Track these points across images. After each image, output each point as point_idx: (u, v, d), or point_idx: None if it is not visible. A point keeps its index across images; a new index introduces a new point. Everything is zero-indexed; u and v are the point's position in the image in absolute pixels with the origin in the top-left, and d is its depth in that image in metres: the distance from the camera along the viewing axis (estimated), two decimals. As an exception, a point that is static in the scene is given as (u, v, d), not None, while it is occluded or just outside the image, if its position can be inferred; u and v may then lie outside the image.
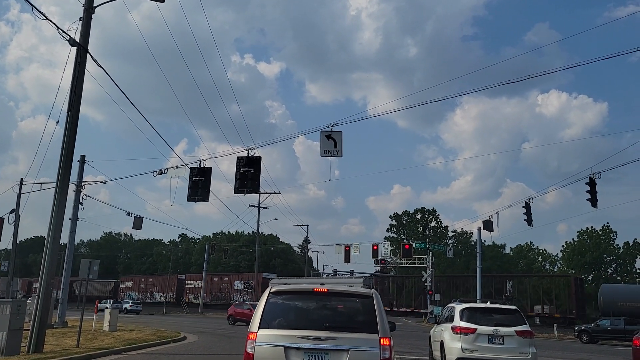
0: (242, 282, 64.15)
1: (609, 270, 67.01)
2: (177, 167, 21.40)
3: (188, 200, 19.55)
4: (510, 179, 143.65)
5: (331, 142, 16.92)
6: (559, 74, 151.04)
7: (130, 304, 57.26)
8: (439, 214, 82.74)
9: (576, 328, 34.27)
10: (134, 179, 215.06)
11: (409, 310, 55.20)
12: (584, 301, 47.88)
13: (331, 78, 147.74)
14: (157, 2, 16.61)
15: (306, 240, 75.92)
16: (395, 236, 79.87)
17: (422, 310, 51.54)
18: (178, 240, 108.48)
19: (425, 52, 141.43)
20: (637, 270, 65.29)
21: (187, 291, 70.00)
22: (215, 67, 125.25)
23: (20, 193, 33.91)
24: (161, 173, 21.93)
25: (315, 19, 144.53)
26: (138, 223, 35.47)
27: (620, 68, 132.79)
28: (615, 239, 66.89)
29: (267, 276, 61.27)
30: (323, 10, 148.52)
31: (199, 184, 19.09)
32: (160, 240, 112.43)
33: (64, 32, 14.75)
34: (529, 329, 12.23)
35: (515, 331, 11.87)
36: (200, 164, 19.64)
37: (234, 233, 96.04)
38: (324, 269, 78.18)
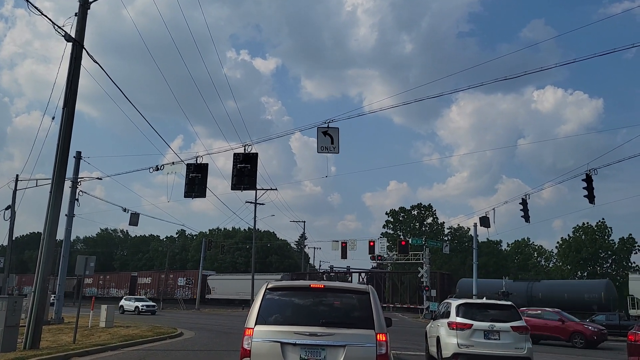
0: (185, 278, 69.41)
1: (605, 265, 67.28)
2: (173, 163, 21.36)
3: (185, 196, 19.52)
4: (506, 175, 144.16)
5: (328, 138, 16.91)
6: (554, 70, 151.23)
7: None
8: (435, 210, 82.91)
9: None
10: (130, 175, 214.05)
11: (405, 306, 55.31)
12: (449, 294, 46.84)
13: (327, 74, 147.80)
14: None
15: (303, 237, 75.97)
16: (392, 232, 79.92)
17: (418, 306, 51.67)
18: (175, 236, 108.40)
19: (420, 49, 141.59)
20: (632, 265, 65.59)
21: (139, 287, 72.61)
22: (210, 63, 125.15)
23: (15, 189, 33.81)
24: (157, 169, 21.88)
25: (310, 15, 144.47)
26: (135, 219, 35.40)
27: (615, 64, 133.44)
28: (610, 235, 67.18)
29: (206, 273, 68.07)
30: (319, 7, 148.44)
31: (196, 180, 19.05)
32: (157, 236, 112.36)
33: (59, 27, 14.69)
34: (525, 324, 12.28)
35: (511, 326, 11.92)
36: (196, 160, 19.60)
37: (231, 229, 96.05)
38: (320, 265, 78.30)
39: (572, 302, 39.92)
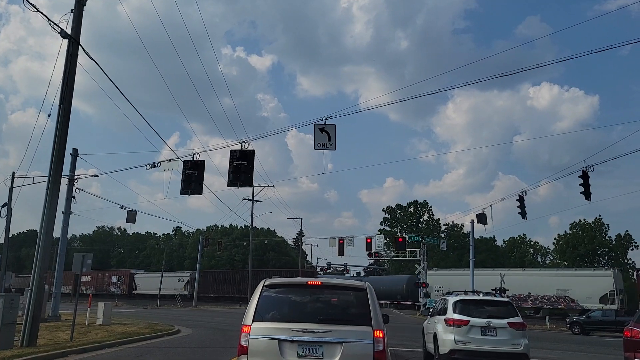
0: (117, 276, 77.30)
1: (602, 261, 67.50)
2: (170, 160, 21.32)
3: (181, 193, 19.49)
4: (502, 172, 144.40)
5: (325, 135, 16.90)
6: (550, 66, 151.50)
7: None
8: (431, 207, 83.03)
9: (568, 320, 34.60)
10: (126, 172, 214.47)
11: (403, 302, 55.44)
12: None
13: (322, 71, 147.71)
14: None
15: (300, 234, 76.03)
16: (389, 229, 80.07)
17: (415, 303, 51.79)
18: (172, 233, 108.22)
19: (416, 45, 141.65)
20: (629, 262, 65.86)
21: (82, 284, 74.16)
22: (206, 59, 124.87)
23: (12, 187, 33.71)
24: (154, 166, 21.82)
25: (306, 11, 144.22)
26: (132, 217, 35.36)
27: (611, 61, 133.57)
28: (607, 231, 67.41)
29: (134, 272, 78.24)
30: (314, 3, 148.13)
31: (192, 177, 19.03)
32: (154, 234, 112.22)
33: (55, 24, 14.62)
34: (522, 320, 12.31)
35: (508, 323, 11.95)
36: (193, 157, 19.58)
37: (228, 227, 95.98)
38: (317, 262, 78.38)
39: (386, 292, 54.75)
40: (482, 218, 35.46)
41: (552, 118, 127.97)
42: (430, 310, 16.59)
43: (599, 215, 68.04)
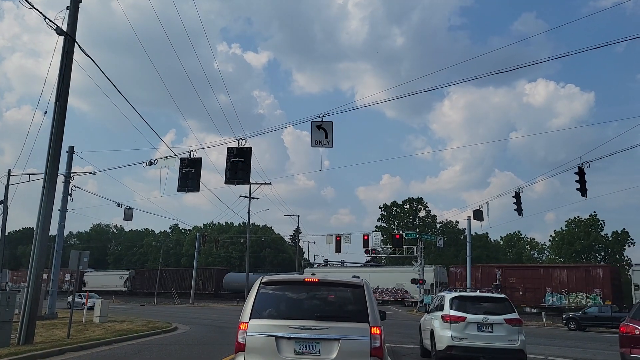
0: (69, 274, 76.69)
1: (598, 258, 67.76)
2: (167, 157, 21.29)
3: (178, 190, 19.49)
4: (499, 169, 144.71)
5: (322, 132, 16.90)
6: (546, 63, 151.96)
7: None
8: (427, 204, 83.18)
9: (564, 316, 34.70)
10: (121, 169, 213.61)
11: (400, 299, 55.54)
12: None
13: (318, 68, 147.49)
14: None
15: (297, 231, 76.02)
16: (386, 226, 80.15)
17: (412, 299, 51.90)
18: (169, 231, 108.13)
19: (412, 42, 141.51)
20: (625, 259, 66.11)
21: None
22: (201, 56, 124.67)
23: (8, 184, 33.63)
24: (151, 164, 21.79)
25: (301, 8, 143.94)
26: (129, 214, 35.35)
27: (607, 57, 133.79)
28: (602, 228, 67.66)
29: (84, 270, 76.49)
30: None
31: (189, 174, 19.02)
32: (152, 231, 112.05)
33: (50, 21, 14.56)
34: (518, 317, 12.35)
35: (504, 319, 11.99)
36: (190, 155, 19.56)
37: (225, 224, 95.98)
38: (314, 259, 78.40)
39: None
40: (478, 215, 35.55)
41: (548, 115, 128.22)
42: (428, 306, 16.63)
43: (594, 212, 68.36)
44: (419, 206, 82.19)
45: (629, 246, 66.77)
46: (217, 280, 68.74)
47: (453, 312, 12.22)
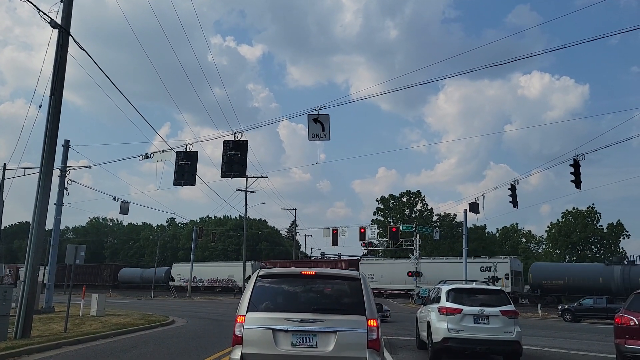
0: (8, 270, 75.84)
1: (593, 249, 68.00)
2: (162, 151, 21.24)
3: (174, 184, 19.48)
4: (494, 161, 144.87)
5: (319, 125, 16.89)
6: (541, 55, 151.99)
7: None
8: (424, 197, 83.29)
9: (560, 307, 34.94)
10: (116, 163, 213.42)
11: (397, 291, 55.75)
12: None
13: (312, 61, 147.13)
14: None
15: (294, 224, 76.13)
16: (382, 219, 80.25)
17: (409, 292, 52.08)
18: (166, 225, 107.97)
19: (405, 35, 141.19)
20: (620, 250, 66.32)
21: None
22: (196, 50, 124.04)
23: (3, 178, 33.52)
24: (147, 157, 21.72)
25: (294, 0, 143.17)
26: (125, 208, 35.28)
27: (601, 50, 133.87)
28: (599, 220, 67.79)
29: (20, 265, 76.30)
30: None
31: (185, 168, 19.01)
32: (149, 224, 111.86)
33: (44, 14, 14.46)
34: (514, 308, 12.42)
35: (500, 311, 12.05)
36: (186, 148, 19.53)
37: (221, 217, 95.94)
38: (311, 252, 78.60)
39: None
40: (474, 207, 35.66)
41: (543, 107, 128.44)
42: (424, 299, 16.69)
43: (592, 204, 68.35)
44: (416, 199, 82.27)
45: (623, 238, 67.07)
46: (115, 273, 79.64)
47: (449, 304, 12.27)
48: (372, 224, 72.99)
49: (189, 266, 65.15)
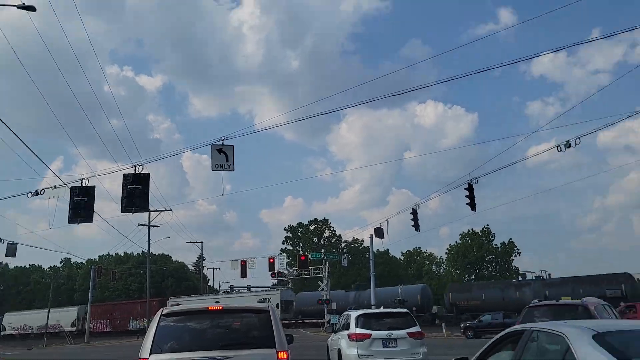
0: None
1: (489, 267, 72.15)
2: (55, 187, 19.91)
3: (69, 222, 18.25)
4: (396, 187, 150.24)
5: (222, 156, 16.69)
6: (434, 85, 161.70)
7: None
8: (331, 224, 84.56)
9: (462, 325, 36.49)
10: (2, 202, 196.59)
11: (307, 320, 55.60)
12: None
13: (215, 91, 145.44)
14: (28, 11, 15.44)
15: (201, 257, 73.96)
16: (291, 248, 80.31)
17: (319, 320, 52.13)
18: (60, 265, 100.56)
19: (307, 66, 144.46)
20: (513, 267, 70.98)
21: None
22: (91, 79, 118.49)
23: None
24: (37, 194, 20.25)
25: (194, 30, 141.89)
26: (12, 250, 32.43)
27: (486, 81, 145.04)
28: (493, 239, 72.31)
29: None
30: (202, 22, 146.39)
31: (81, 204, 17.91)
32: (40, 266, 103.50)
33: None
34: (420, 330, 12.81)
35: (407, 333, 12.38)
36: (82, 183, 18.44)
37: (123, 254, 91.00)
38: (220, 286, 76.56)
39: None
40: (379, 232, 36.61)
41: (438, 134, 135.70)
42: (335, 326, 16.78)
43: (487, 225, 72.83)
44: (324, 226, 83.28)
45: (515, 256, 71.90)
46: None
47: (359, 330, 12.43)
48: (281, 253, 72.83)
49: (21, 314, 68.61)
